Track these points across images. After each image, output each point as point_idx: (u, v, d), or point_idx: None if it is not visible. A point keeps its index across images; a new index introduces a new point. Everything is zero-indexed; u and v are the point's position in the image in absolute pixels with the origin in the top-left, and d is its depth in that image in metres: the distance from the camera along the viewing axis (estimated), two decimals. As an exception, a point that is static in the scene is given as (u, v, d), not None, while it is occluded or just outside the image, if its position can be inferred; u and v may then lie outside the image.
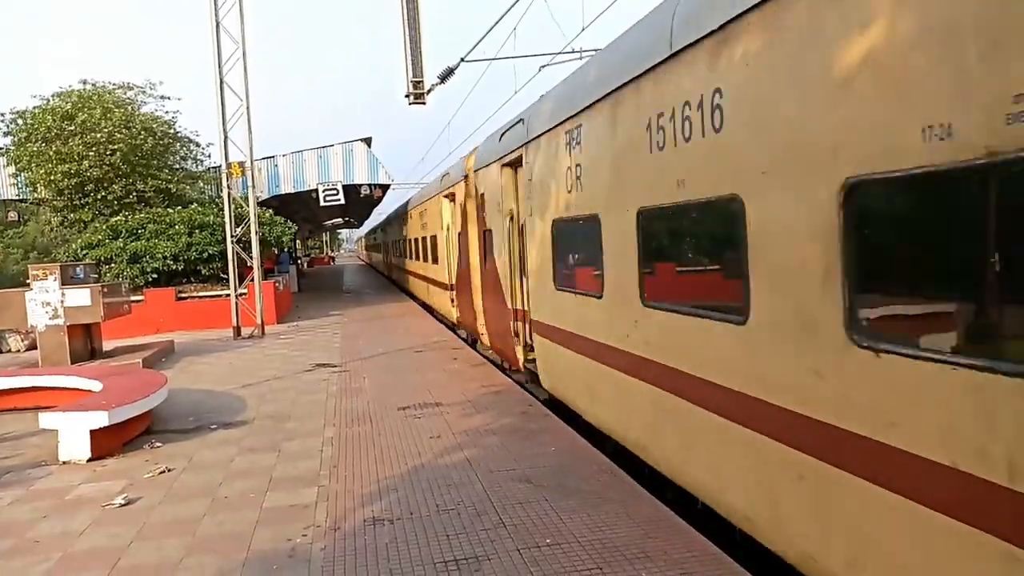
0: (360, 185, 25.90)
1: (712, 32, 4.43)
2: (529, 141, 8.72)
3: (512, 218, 10.02)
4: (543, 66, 17.87)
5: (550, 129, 7.85)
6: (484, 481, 6.09)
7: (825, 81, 3.48)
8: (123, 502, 6.12)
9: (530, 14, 15.37)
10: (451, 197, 15.51)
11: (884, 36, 3.11)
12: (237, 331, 17.74)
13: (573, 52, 16.86)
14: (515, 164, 9.61)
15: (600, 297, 6.61)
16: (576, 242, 7.54)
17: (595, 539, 4.82)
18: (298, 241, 43.93)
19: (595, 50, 16.71)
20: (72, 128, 21.07)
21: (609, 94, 6.11)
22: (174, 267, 20.16)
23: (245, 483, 6.48)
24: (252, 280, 18.33)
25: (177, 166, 24.28)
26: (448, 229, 16.56)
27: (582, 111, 6.82)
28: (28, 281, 12.72)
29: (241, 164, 18.08)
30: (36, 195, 22.61)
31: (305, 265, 55.87)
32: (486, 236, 11.72)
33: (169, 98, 23.99)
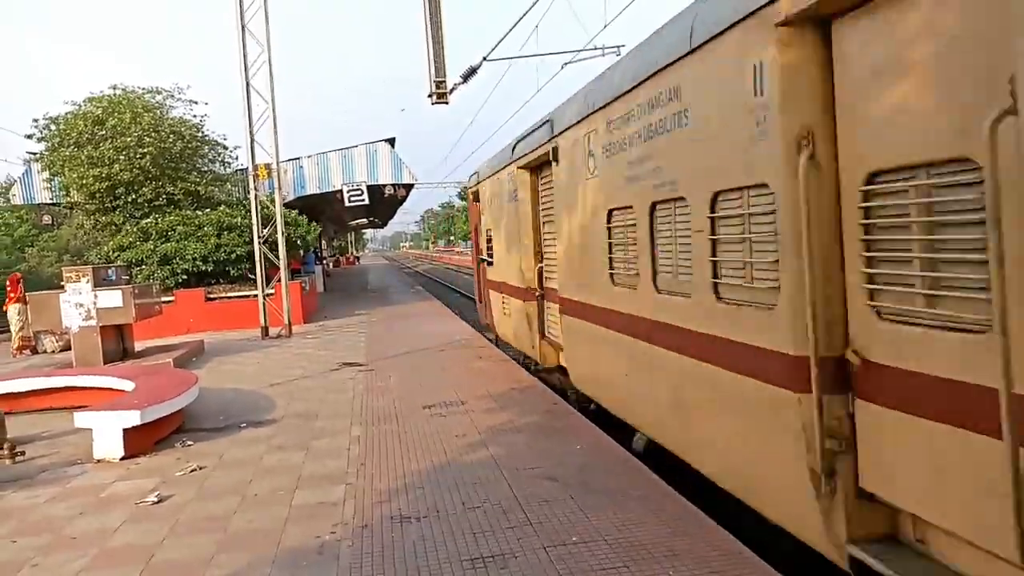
0: (384, 185, 26.07)
1: None
2: None
3: None
4: (566, 63, 17.88)
5: None
6: (510, 479, 6.10)
7: None
8: (156, 499, 6.23)
9: (552, 12, 15.36)
10: None
11: None
12: (265, 331, 17.95)
13: (596, 49, 16.84)
14: None
15: None
16: None
17: (621, 537, 4.81)
18: (323, 241, 44.24)
19: (618, 47, 16.67)
20: (103, 133, 21.47)
21: None
22: (203, 268, 20.44)
23: (274, 481, 6.56)
24: (279, 281, 18.54)
25: (205, 168, 24.61)
26: None
27: None
28: (62, 283, 12.99)
29: (267, 166, 18.29)
30: (69, 199, 23.07)
31: (331, 266, 56.26)
32: None
33: (197, 102, 24.38)
